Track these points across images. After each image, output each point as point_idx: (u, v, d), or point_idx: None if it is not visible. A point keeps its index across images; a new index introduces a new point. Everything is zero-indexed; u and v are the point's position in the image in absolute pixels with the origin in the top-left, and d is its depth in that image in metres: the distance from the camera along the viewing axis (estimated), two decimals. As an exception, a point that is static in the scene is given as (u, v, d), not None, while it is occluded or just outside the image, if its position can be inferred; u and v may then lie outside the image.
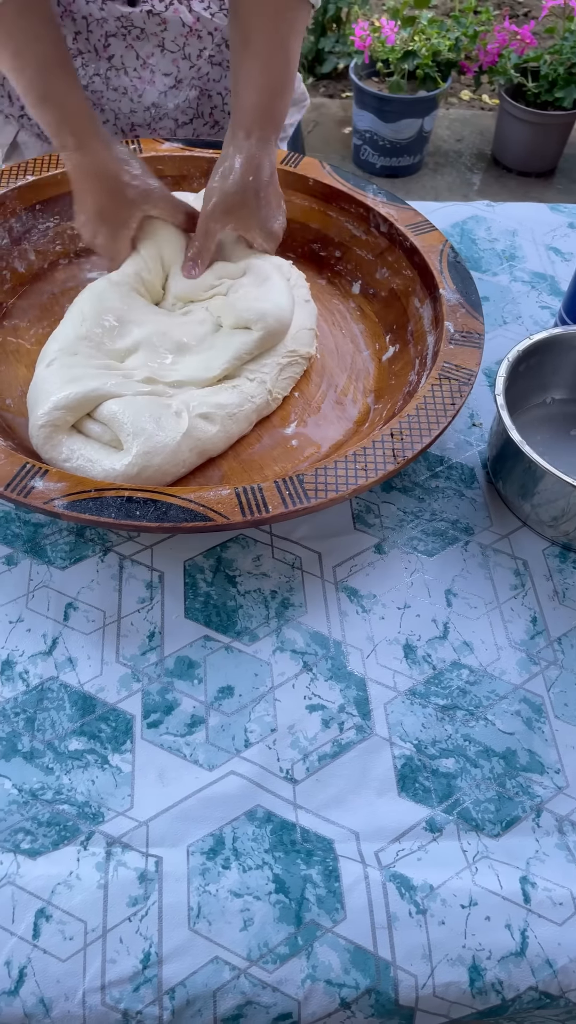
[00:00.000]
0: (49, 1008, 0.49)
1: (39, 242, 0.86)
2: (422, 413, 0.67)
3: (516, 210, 1.05)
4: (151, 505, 0.60)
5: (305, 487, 0.62)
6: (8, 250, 0.84)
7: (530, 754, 0.60)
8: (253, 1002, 0.50)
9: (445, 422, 0.66)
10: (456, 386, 0.69)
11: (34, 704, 0.60)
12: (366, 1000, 0.50)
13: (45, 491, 0.60)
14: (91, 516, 0.59)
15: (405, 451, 0.64)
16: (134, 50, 0.88)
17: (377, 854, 0.55)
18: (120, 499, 0.60)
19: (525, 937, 0.52)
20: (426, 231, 0.82)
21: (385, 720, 0.61)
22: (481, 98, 2.67)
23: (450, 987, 0.51)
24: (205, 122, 0.98)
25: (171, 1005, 0.49)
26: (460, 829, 0.56)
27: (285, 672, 0.63)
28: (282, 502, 0.61)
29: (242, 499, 0.61)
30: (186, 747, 0.59)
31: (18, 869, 0.53)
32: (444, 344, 0.72)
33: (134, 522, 0.59)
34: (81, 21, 0.85)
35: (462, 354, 0.72)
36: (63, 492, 0.60)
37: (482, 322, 0.74)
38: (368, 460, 0.64)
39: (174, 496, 0.60)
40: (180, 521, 0.59)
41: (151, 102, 0.93)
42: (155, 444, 0.66)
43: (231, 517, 0.60)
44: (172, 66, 0.90)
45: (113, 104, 0.93)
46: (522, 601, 0.68)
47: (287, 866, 0.54)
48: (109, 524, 0.59)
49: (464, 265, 0.79)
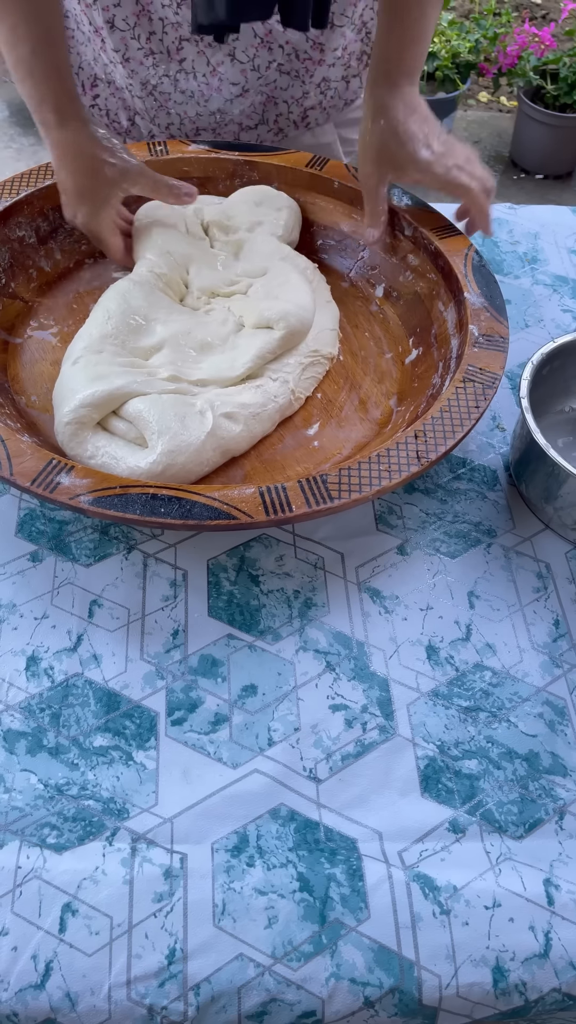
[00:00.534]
0: (75, 1002, 0.49)
1: (65, 242, 0.87)
2: (446, 415, 0.67)
3: (538, 213, 1.05)
4: (176, 503, 0.60)
5: (329, 487, 0.62)
6: (35, 248, 0.85)
7: (553, 756, 0.60)
8: (277, 999, 0.50)
9: (469, 424, 0.66)
10: (480, 389, 0.69)
11: (59, 700, 0.61)
12: (390, 999, 0.50)
13: (71, 487, 0.61)
14: (117, 512, 0.59)
15: (429, 453, 0.64)
16: (205, 56, 0.88)
17: (400, 854, 0.55)
18: (145, 496, 0.60)
19: (549, 939, 0.52)
20: (451, 235, 0.82)
21: (408, 721, 0.61)
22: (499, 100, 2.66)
23: (473, 988, 0.51)
24: (270, 128, 0.99)
25: (196, 1001, 0.50)
26: (483, 830, 0.56)
27: (308, 672, 0.63)
28: (305, 502, 0.61)
29: (266, 498, 0.61)
30: (210, 745, 0.59)
31: (44, 863, 0.53)
32: (468, 347, 0.72)
33: (159, 519, 0.59)
34: (157, 22, 0.86)
35: (486, 357, 0.72)
36: (89, 488, 0.61)
37: (507, 326, 0.74)
38: (392, 461, 0.64)
39: (199, 494, 0.61)
40: (204, 519, 0.59)
41: (216, 108, 0.94)
42: (180, 443, 0.67)
43: (255, 516, 0.60)
44: (240, 76, 0.91)
45: (179, 107, 0.94)
46: (545, 604, 0.68)
47: (311, 865, 0.54)
48: (134, 521, 0.59)
49: (489, 269, 0.79)
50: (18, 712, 0.60)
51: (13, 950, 0.51)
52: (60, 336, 0.81)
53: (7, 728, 0.59)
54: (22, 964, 0.50)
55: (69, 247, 0.87)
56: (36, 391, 0.76)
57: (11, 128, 2.58)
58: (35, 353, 0.79)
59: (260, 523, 0.60)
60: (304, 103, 0.98)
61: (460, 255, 0.80)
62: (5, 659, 0.62)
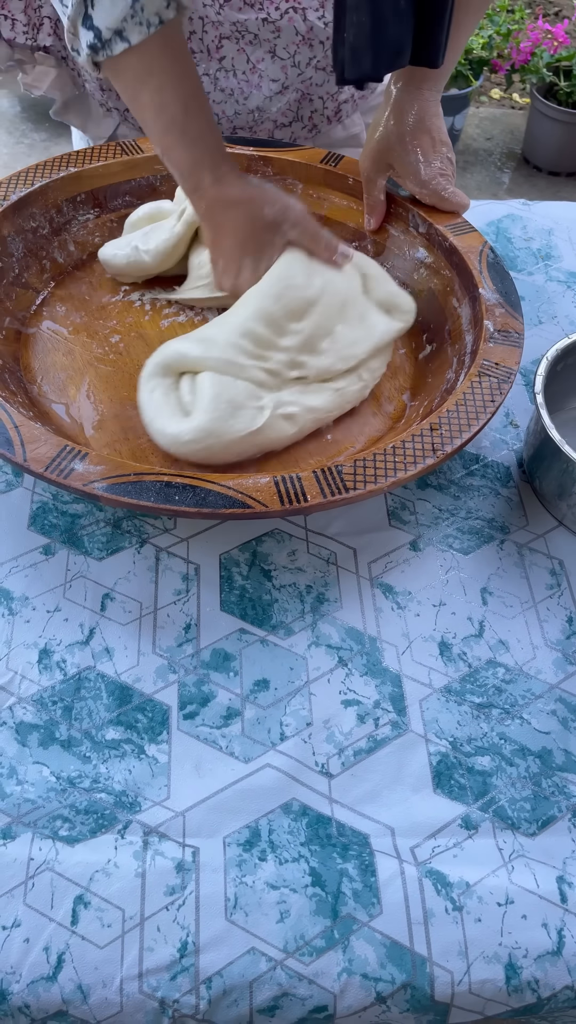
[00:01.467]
0: (87, 994, 0.49)
1: (79, 233, 0.87)
2: (461, 409, 0.67)
3: (552, 209, 1.05)
4: (190, 491, 0.60)
5: (344, 478, 0.62)
6: (48, 239, 0.85)
7: (566, 754, 0.60)
8: (289, 994, 0.50)
9: (485, 418, 0.66)
10: (496, 383, 0.69)
11: (71, 693, 0.61)
12: (402, 995, 0.50)
13: (85, 473, 0.60)
14: (130, 499, 0.59)
15: (445, 446, 0.64)
16: (245, 54, 0.88)
17: (413, 850, 0.55)
18: (159, 483, 0.60)
19: (562, 936, 0.52)
20: (465, 232, 0.82)
21: (420, 717, 0.61)
22: (512, 97, 2.65)
23: (486, 984, 0.51)
24: (304, 125, 0.99)
25: (208, 995, 0.50)
26: (496, 827, 0.56)
27: (320, 667, 0.63)
28: (320, 492, 0.61)
29: (280, 488, 0.61)
30: (222, 739, 0.59)
31: (57, 856, 0.53)
32: (483, 343, 0.72)
33: (173, 507, 0.59)
34: (197, 21, 0.85)
35: (501, 352, 0.71)
36: (103, 475, 0.60)
37: (521, 322, 0.74)
38: (408, 454, 0.64)
39: (213, 483, 0.61)
40: (219, 507, 0.59)
41: (255, 105, 0.94)
42: (217, 428, 0.66)
43: (269, 505, 0.60)
44: (280, 72, 0.91)
45: (218, 106, 0.94)
46: (558, 601, 0.68)
47: (323, 859, 0.54)
48: (149, 508, 0.59)
49: (503, 266, 0.79)
50: (31, 705, 0.60)
51: (25, 942, 0.51)
52: (73, 327, 0.81)
53: (20, 721, 0.59)
54: (34, 956, 0.50)
55: (83, 239, 0.88)
56: (48, 381, 0.76)
57: (23, 124, 2.58)
58: (47, 343, 0.80)
59: (274, 512, 0.60)
60: (339, 97, 0.98)
61: (475, 252, 0.80)
62: (18, 652, 0.62)
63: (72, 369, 0.78)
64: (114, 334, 0.81)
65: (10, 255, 0.82)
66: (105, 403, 0.75)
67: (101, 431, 0.73)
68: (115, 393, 0.76)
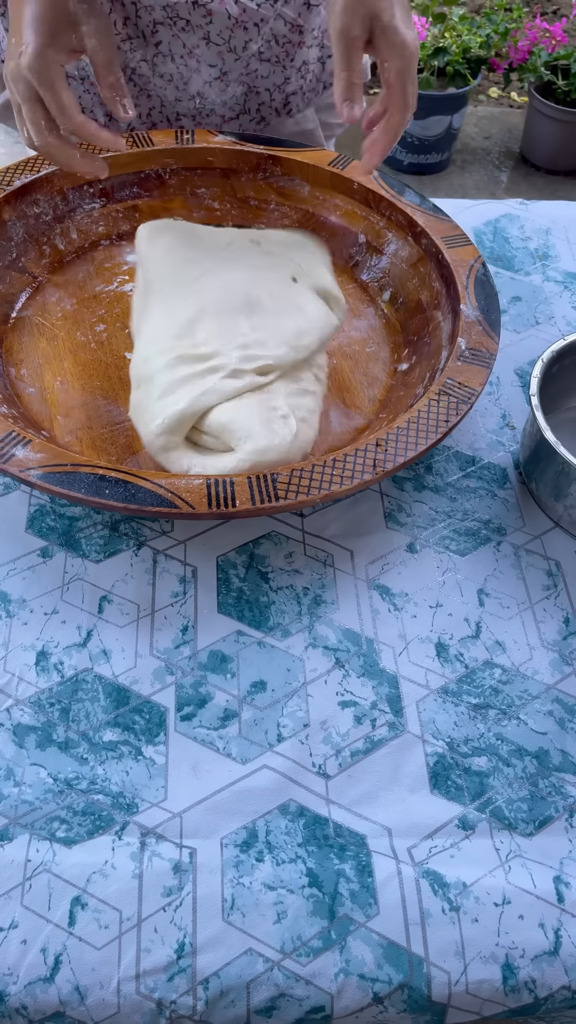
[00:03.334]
0: (84, 996, 0.50)
1: (83, 222, 0.88)
2: (412, 427, 0.66)
3: (550, 208, 1.05)
4: (121, 486, 0.61)
5: (277, 486, 0.62)
6: (50, 226, 0.86)
7: (563, 754, 0.60)
8: (286, 995, 0.50)
9: (434, 438, 0.66)
10: (454, 403, 0.68)
11: (69, 695, 0.61)
12: (399, 995, 0.50)
13: (24, 460, 0.62)
14: (62, 489, 0.60)
15: (387, 463, 0.64)
16: (180, 39, 0.88)
17: (410, 850, 0.55)
18: (93, 476, 0.61)
19: (559, 937, 0.52)
20: (461, 244, 0.82)
21: (417, 718, 0.61)
22: (510, 96, 2.65)
23: (483, 984, 0.51)
24: (252, 118, 0.99)
25: (205, 995, 0.50)
26: (493, 827, 0.56)
27: (317, 668, 0.63)
28: (250, 498, 0.61)
29: (211, 491, 0.61)
30: (219, 740, 0.59)
31: (54, 857, 0.54)
32: (452, 360, 0.72)
33: (102, 500, 0.60)
34: (131, 7, 0.85)
35: (467, 371, 0.71)
36: (40, 463, 0.62)
37: (496, 342, 0.73)
38: (347, 467, 0.63)
39: (146, 480, 0.61)
40: (146, 504, 0.60)
41: (196, 91, 0.93)
42: (267, 444, 0.66)
43: (197, 507, 0.60)
44: (217, 58, 0.90)
45: (159, 91, 0.93)
46: (555, 602, 0.68)
47: (320, 860, 0.54)
48: (78, 499, 0.60)
49: (492, 282, 0.78)
50: (28, 707, 0.60)
51: (23, 943, 0.51)
52: (62, 314, 0.82)
53: (17, 723, 0.59)
54: (31, 957, 0.50)
55: (86, 227, 0.88)
56: (28, 365, 0.77)
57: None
58: (34, 328, 0.80)
59: (201, 514, 0.60)
60: (286, 89, 0.97)
61: (466, 266, 0.79)
62: (15, 654, 0.62)
63: (52, 355, 0.78)
64: (100, 323, 0.82)
65: (9, 239, 0.83)
66: (77, 391, 0.76)
67: (68, 418, 0.74)
68: (88, 382, 0.77)
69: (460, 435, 0.79)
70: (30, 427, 0.69)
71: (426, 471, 0.75)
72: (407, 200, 0.86)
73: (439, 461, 0.76)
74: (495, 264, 0.96)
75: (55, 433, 0.72)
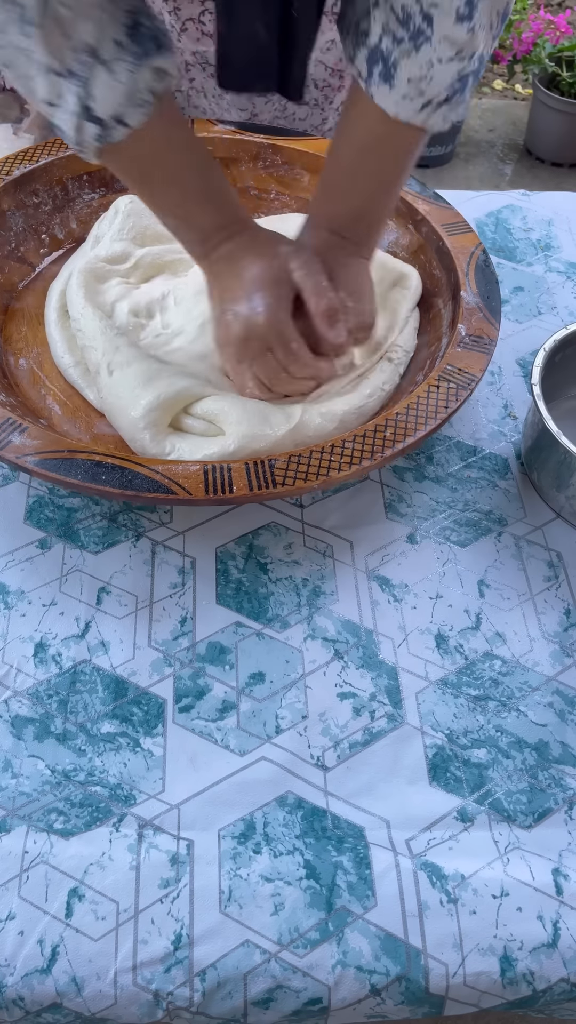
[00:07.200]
0: (81, 987, 0.49)
1: (82, 212, 0.88)
2: (411, 413, 0.66)
3: (552, 199, 1.04)
4: (118, 472, 0.61)
5: (275, 472, 0.62)
6: (50, 215, 0.86)
7: (563, 746, 0.59)
8: (283, 986, 0.50)
9: (433, 425, 0.65)
10: (454, 389, 0.68)
11: (67, 687, 0.60)
12: (396, 987, 0.50)
13: (21, 446, 0.62)
14: (58, 476, 0.60)
15: (385, 449, 0.64)
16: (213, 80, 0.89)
17: (408, 842, 0.55)
18: (89, 462, 0.61)
19: (557, 929, 0.52)
20: (462, 232, 0.81)
21: (417, 709, 0.60)
22: (514, 88, 2.63)
23: (481, 977, 0.51)
24: None
25: (202, 987, 0.50)
26: (492, 819, 0.56)
27: (316, 659, 0.63)
28: (248, 484, 0.61)
29: (209, 477, 0.61)
30: (217, 732, 0.59)
31: (51, 848, 0.53)
32: (452, 347, 0.71)
33: (99, 486, 0.60)
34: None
35: (467, 358, 0.70)
36: (37, 449, 0.62)
37: (497, 328, 0.73)
38: (346, 453, 0.63)
39: (142, 465, 0.61)
40: (143, 490, 0.60)
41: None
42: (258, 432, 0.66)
43: (194, 493, 0.60)
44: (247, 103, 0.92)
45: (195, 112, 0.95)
46: (556, 593, 0.67)
47: (318, 852, 0.54)
48: (74, 485, 0.60)
49: (492, 269, 0.78)
50: (26, 698, 0.60)
51: (20, 934, 0.51)
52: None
53: (15, 714, 0.59)
54: (28, 948, 0.50)
55: (85, 218, 0.88)
56: (26, 354, 0.77)
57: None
58: (33, 317, 0.80)
59: (198, 501, 0.60)
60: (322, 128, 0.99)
61: (466, 253, 0.79)
62: (13, 645, 0.62)
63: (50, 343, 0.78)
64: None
65: (8, 229, 0.83)
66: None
67: (64, 407, 0.73)
68: None
69: (461, 425, 0.78)
70: (28, 415, 0.69)
71: (427, 461, 0.75)
72: (408, 188, 0.85)
73: (440, 451, 0.76)
74: (497, 255, 0.95)
75: (53, 421, 0.72)
